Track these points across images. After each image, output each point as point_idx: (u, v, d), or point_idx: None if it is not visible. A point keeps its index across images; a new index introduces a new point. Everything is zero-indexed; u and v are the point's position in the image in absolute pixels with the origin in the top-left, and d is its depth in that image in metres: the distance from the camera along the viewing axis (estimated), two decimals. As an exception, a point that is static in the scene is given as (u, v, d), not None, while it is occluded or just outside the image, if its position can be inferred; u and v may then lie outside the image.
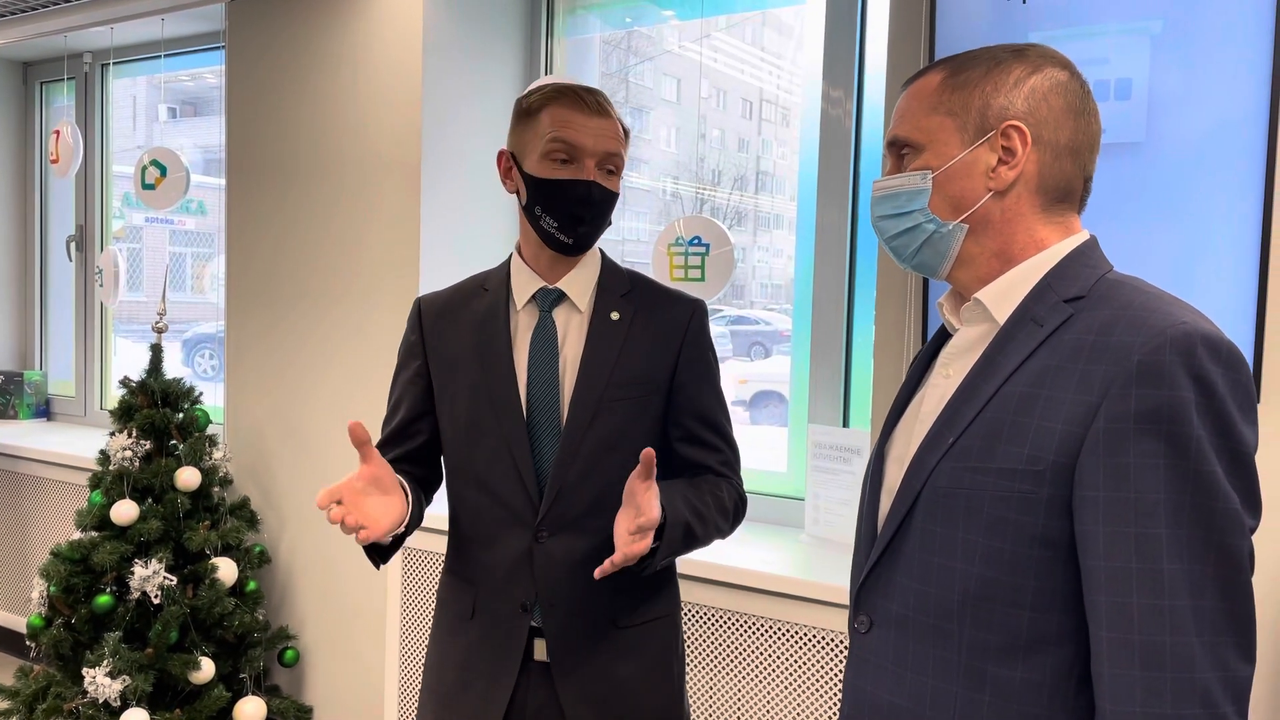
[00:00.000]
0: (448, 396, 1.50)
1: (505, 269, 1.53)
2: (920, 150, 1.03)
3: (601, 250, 1.53)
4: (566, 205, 1.40)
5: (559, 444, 1.42)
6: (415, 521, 1.42)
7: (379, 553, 1.41)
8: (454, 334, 1.51)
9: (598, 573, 1.27)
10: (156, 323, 2.84)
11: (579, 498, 1.42)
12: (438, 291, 1.59)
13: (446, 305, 1.55)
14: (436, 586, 2.56)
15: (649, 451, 1.26)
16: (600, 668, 1.44)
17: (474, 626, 1.47)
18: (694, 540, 1.41)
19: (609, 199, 1.44)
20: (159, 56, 3.47)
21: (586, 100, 1.40)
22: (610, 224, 1.49)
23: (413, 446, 1.55)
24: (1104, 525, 0.87)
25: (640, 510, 1.26)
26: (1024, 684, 0.94)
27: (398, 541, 1.41)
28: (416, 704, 2.59)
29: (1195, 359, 0.86)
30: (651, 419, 1.47)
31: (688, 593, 2.17)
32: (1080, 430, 0.89)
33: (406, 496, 1.37)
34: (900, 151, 1.05)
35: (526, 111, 1.44)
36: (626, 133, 1.47)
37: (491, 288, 1.52)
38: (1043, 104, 0.99)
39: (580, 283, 1.48)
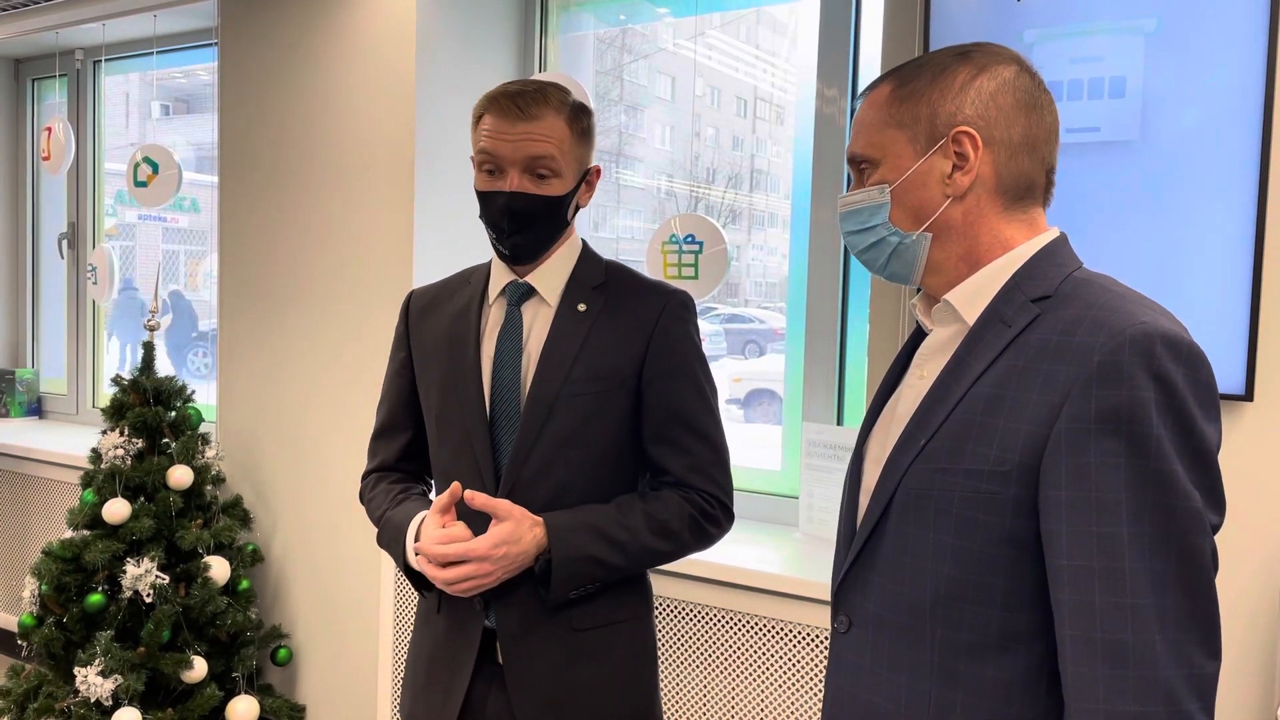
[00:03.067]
0: (424, 388, 1.51)
1: (489, 263, 1.52)
2: (876, 165, 1.04)
3: (584, 241, 1.51)
4: (492, 217, 1.39)
5: (514, 441, 1.40)
6: None
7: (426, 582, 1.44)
8: (433, 326, 1.51)
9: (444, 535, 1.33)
10: (148, 321, 2.83)
11: (534, 495, 1.39)
12: (430, 284, 1.59)
13: (433, 298, 1.55)
14: (430, 585, 2.56)
15: (455, 488, 1.33)
16: (555, 671, 1.40)
17: (441, 620, 1.46)
18: (614, 569, 1.38)
19: (537, 207, 1.38)
20: (151, 53, 3.45)
21: (508, 107, 1.36)
22: (567, 224, 1.44)
23: (404, 441, 1.55)
24: (1067, 524, 0.88)
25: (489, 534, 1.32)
26: (995, 682, 0.95)
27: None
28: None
29: (1155, 358, 0.86)
30: (616, 416, 1.42)
31: (681, 591, 2.17)
32: (1044, 430, 0.90)
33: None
34: (859, 167, 1.06)
35: (473, 121, 1.43)
36: (576, 124, 1.40)
37: (474, 281, 1.52)
38: (991, 105, 0.99)
39: (551, 276, 1.45)
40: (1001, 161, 1.00)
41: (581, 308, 1.43)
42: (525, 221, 1.38)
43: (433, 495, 1.56)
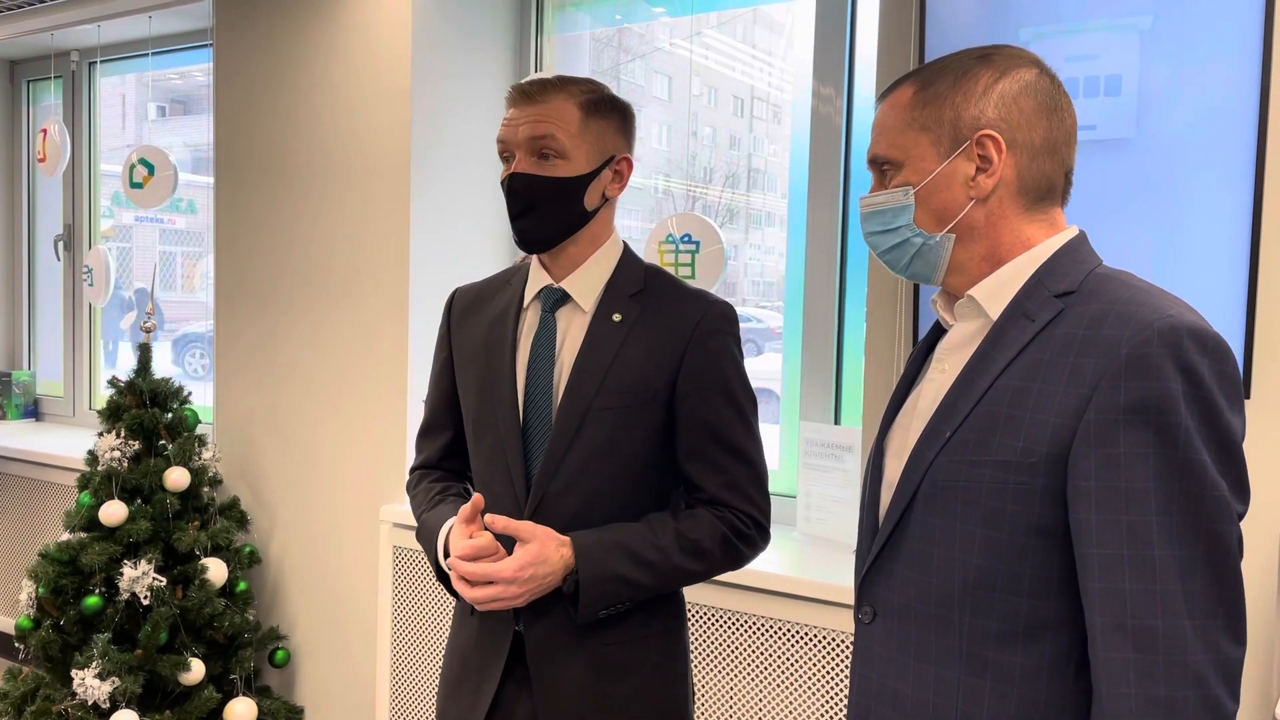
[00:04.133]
0: (463, 390, 1.50)
1: (529, 264, 1.50)
2: (900, 167, 1.05)
3: (625, 245, 1.48)
4: (506, 204, 1.40)
5: (544, 451, 1.38)
6: None
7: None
8: (473, 328, 1.50)
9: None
10: (145, 322, 2.82)
11: (563, 507, 1.37)
12: (474, 283, 1.57)
13: (475, 299, 1.53)
14: (427, 586, 2.56)
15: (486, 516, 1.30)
16: (582, 683, 1.38)
17: (473, 622, 1.46)
18: (643, 589, 1.36)
19: (541, 187, 1.36)
20: (146, 54, 3.45)
21: (518, 96, 1.38)
22: (587, 213, 1.39)
23: (446, 440, 1.55)
24: (1096, 514, 0.90)
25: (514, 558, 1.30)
26: (1024, 669, 0.96)
27: None
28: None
29: (1182, 351, 0.88)
30: (648, 429, 1.38)
31: (679, 591, 2.17)
32: (1072, 422, 0.91)
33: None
34: (881, 168, 1.07)
35: None
36: (590, 110, 1.38)
37: (514, 283, 1.50)
38: (1013, 108, 1.01)
39: (586, 281, 1.42)
40: (1023, 164, 1.01)
41: (616, 317, 1.40)
42: (528, 203, 1.36)
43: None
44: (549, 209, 1.38)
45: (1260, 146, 1.66)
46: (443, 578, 1.43)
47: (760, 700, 2.10)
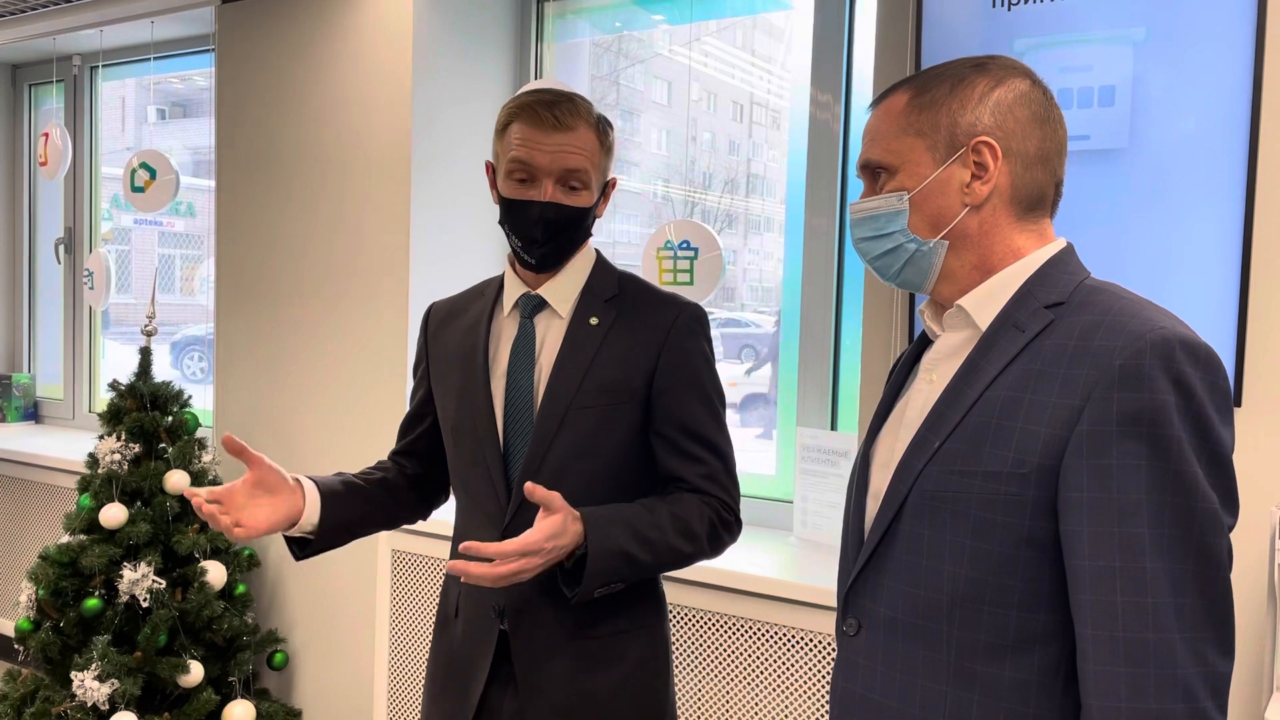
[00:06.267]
0: (440, 398, 1.54)
1: (503, 275, 1.54)
2: (894, 172, 1.04)
3: (598, 251, 1.52)
4: (524, 226, 1.41)
5: (525, 451, 1.42)
6: (334, 519, 1.45)
7: (298, 545, 1.47)
8: (450, 338, 1.54)
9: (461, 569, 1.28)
10: (145, 326, 2.84)
11: None
12: (447, 298, 1.62)
13: (450, 310, 1.58)
14: (425, 589, 2.57)
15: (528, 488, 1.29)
16: (569, 678, 1.41)
17: (457, 625, 1.49)
18: (641, 567, 1.37)
19: (568, 217, 1.40)
20: (148, 59, 3.46)
21: (544, 117, 1.37)
22: (588, 235, 1.47)
23: (409, 442, 1.62)
24: (1088, 525, 0.89)
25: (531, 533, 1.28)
26: (1012, 683, 0.95)
27: (327, 538, 1.45)
28: (420, 699, 2.61)
29: (1174, 362, 0.88)
30: (626, 427, 1.43)
31: (676, 596, 2.18)
32: (1064, 433, 0.91)
33: (303, 498, 1.41)
34: (874, 174, 1.07)
35: (500, 126, 1.44)
36: (604, 137, 1.43)
37: (489, 293, 1.54)
38: (1009, 116, 1.01)
39: (563, 288, 1.47)
40: (1018, 173, 1.01)
41: (594, 321, 1.44)
42: (556, 231, 1.41)
43: (452, 500, 1.60)
44: (569, 235, 1.43)
45: (1252, 157, 1.68)
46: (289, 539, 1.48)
47: (758, 705, 2.11)
